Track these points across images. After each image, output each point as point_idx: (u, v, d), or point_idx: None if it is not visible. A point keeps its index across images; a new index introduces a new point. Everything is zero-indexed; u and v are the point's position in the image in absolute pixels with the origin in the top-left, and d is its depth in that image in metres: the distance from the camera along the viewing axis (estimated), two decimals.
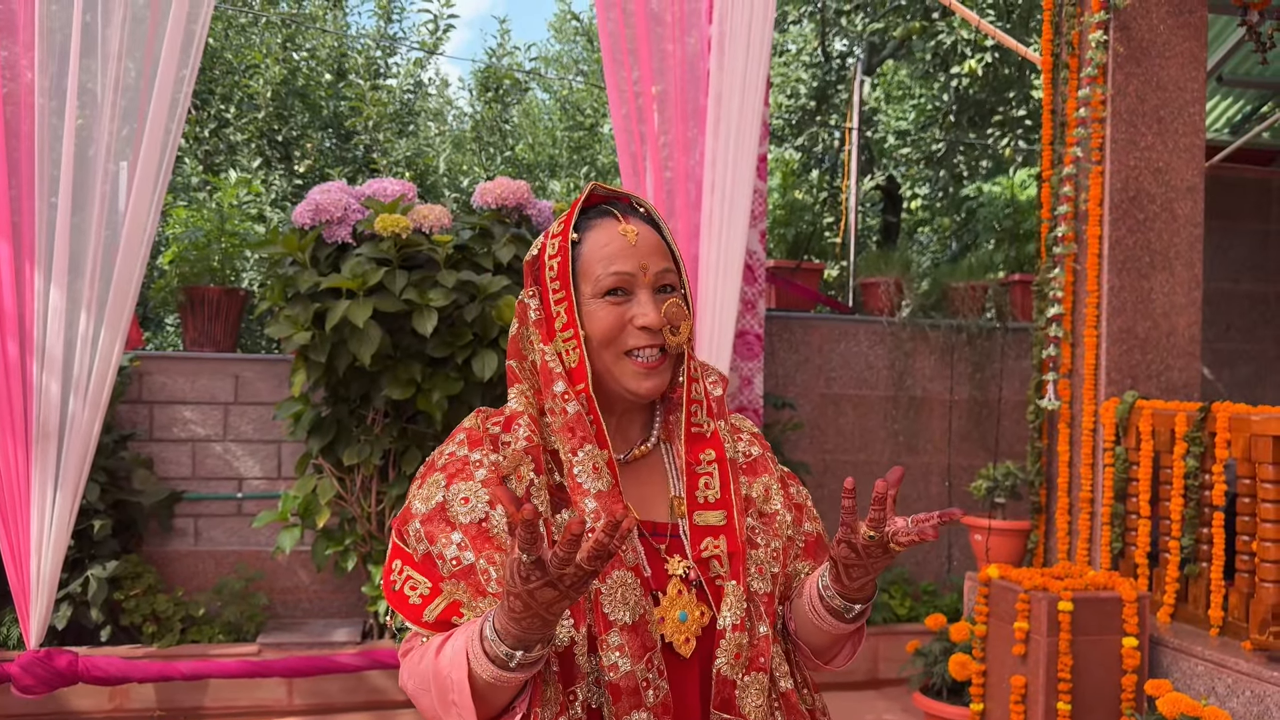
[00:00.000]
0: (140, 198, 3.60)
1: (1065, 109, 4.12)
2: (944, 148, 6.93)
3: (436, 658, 1.12)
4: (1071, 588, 3.27)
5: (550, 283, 1.26)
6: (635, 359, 1.26)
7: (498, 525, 1.17)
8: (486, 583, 1.15)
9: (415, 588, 1.18)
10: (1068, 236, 4.06)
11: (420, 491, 1.23)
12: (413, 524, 1.20)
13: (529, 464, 1.21)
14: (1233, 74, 6.10)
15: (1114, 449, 3.83)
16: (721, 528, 1.27)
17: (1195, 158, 4.07)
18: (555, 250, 1.26)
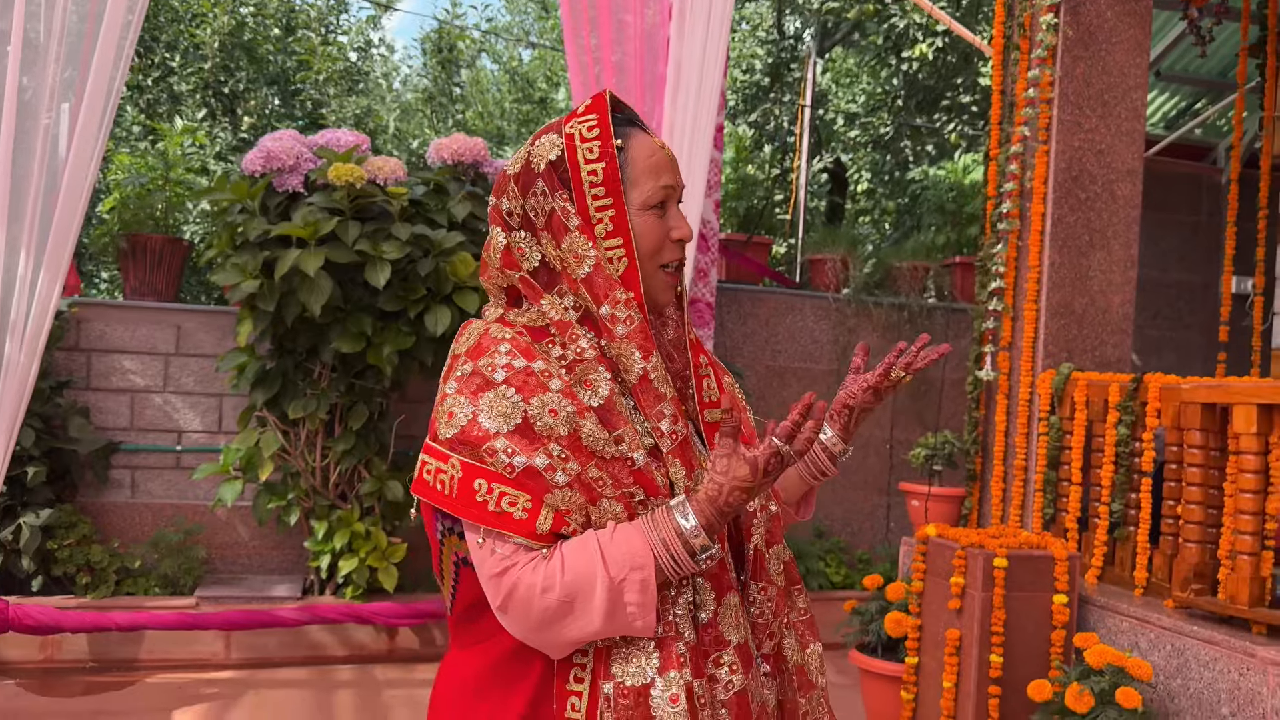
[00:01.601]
0: (83, 143, 3.53)
1: (1015, 89, 4.24)
2: (892, 131, 7.07)
3: (605, 560, 1.15)
4: (1006, 545, 3.39)
5: (591, 189, 1.23)
6: (666, 270, 1.30)
7: (589, 435, 1.20)
8: (603, 487, 1.19)
9: (515, 503, 1.17)
10: (1012, 213, 4.18)
11: (483, 408, 1.18)
12: (496, 441, 1.17)
13: (601, 371, 1.24)
14: (1170, 70, 6.32)
15: (1049, 419, 3.97)
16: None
17: (1136, 142, 4.23)
18: (595, 154, 1.24)
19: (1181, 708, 3.10)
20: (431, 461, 1.21)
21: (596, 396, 1.22)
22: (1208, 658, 3.03)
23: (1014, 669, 3.29)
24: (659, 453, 1.25)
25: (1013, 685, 3.27)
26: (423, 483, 1.22)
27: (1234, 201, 5.18)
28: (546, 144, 1.27)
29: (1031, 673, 3.28)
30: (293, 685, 4.29)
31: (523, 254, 1.28)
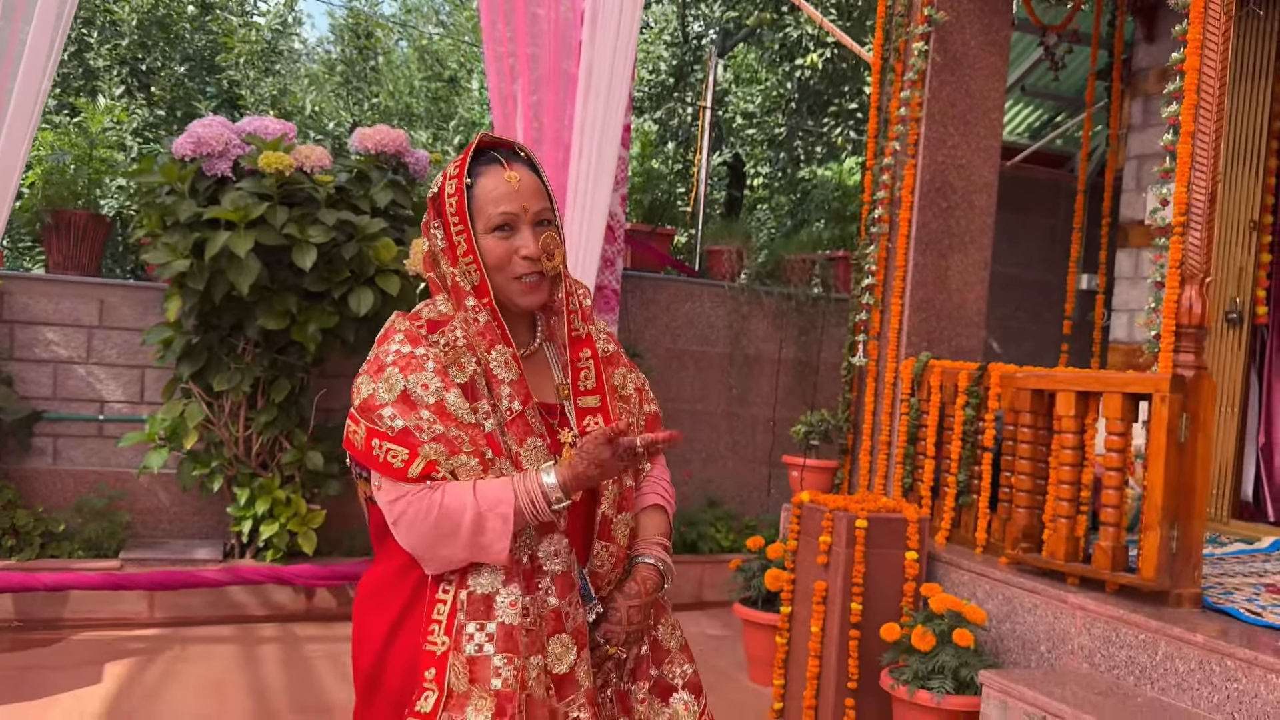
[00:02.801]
0: (17, 119, 3.71)
1: (889, 107, 4.75)
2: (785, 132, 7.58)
3: (475, 497, 1.52)
4: (867, 509, 3.91)
5: (450, 217, 1.59)
6: (521, 281, 1.64)
7: (452, 404, 1.56)
8: (461, 444, 1.56)
9: (395, 455, 1.53)
10: (883, 218, 4.70)
11: (379, 384, 1.55)
12: (385, 409, 1.54)
13: (469, 356, 1.61)
14: (1034, 86, 6.98)
15: (909, 400, 4.52)
16: (598, 408, 1.73)
17: (992, 158, 4.79)
18: (453, 190, 1.59)
19: (1009, 647, 3.67)
20: (350, 424, 1.60)
21: (464, 375, 1.60)
22: (1031, 605, 3.61)
23: (871, 615, 3.82)
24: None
25: (870, 629, 3.80)
26: (348, 440, 1.60)
27: (1080, 208, 5.83)
28: (435, 181, 1.66)
29: (886, 618, 3.82)
30: (216, 641, 4.57)
31: (428, 263, 1.69)
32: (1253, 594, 3.64)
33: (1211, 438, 3.40)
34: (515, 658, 1.52)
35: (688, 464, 6.02)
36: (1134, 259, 5.52)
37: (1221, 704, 2.92)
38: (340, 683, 4.11)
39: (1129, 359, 5.46)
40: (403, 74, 11.66)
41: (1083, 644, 3.39)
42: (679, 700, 1.74)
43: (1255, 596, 3.59)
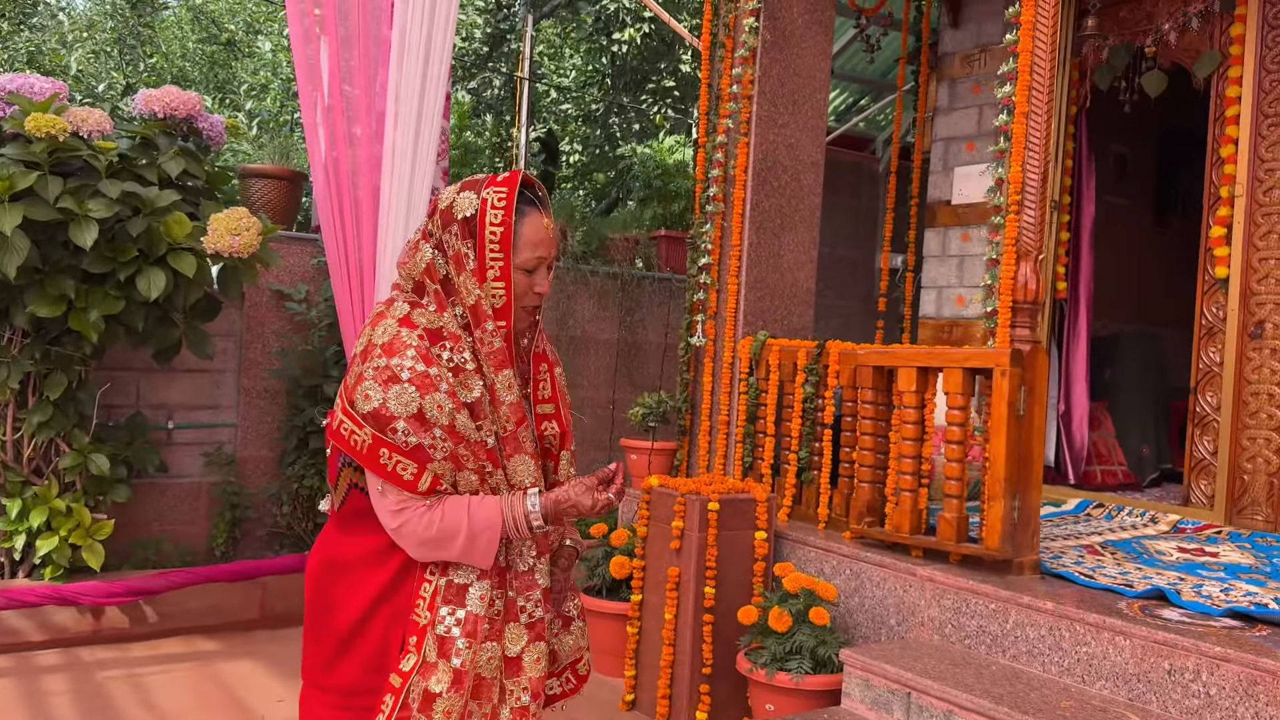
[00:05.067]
0: None
1: (720, 84, 4.69)
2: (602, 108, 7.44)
3: (469, 519, 1.73)
4: (717, 491, 3.85)
5: (490, 245, 1.72)
6: (525, 309, 1.83)
7: (462, 425, 1.73)
8: (465, 461, 1.75)
9: (405, 469, 1.69)
10: (718, 197, 4.65)
11: (390, 396, 1.67)
12: (399, 424, 1.67)
13: (477, 379, 1.76)
14: (840, 69, 7.17)
15: (748, 379, 4.51)
16: (553, 415, 1.95)
17: (819, 138, 4.84)
18: (498, 221, 1.72)
19: (859, 621, 3.72)
20: (348, 424, 1.70)
21: (470, 395, 1.75)
22: (879, 578, 3.66)
23: (725, 598, 3.77)
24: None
25: (724, 612, 3.74)
26: (340, 436, 1.71)
27: (892, 190, 6.03)
28: (466, 201, 1.75)
29: (739, 600, 3.78)
30: None
31: (435, 270, 1.76)
32: (1078, 557, 3.85)
33: (1045, 409, 3.55)
34: (474, 642, 1.77)
35: None
36: (941, 238, 5.76)
37: (1072, 668, 3.05)
38: (145, 710, 3.65)
39: (938, 334, 5.71)
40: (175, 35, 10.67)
41: (933, 615, 3.47)
42: (576, 627, 2.07)
43: (1081, 559, 3.80)
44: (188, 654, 4.32)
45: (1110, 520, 4.74)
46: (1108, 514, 4.84)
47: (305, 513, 5.01)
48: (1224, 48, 4.59)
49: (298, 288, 5.12)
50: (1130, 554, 3.97)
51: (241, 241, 4.15)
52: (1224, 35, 4.59)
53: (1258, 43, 4.44)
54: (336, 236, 4.70)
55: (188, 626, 4.54)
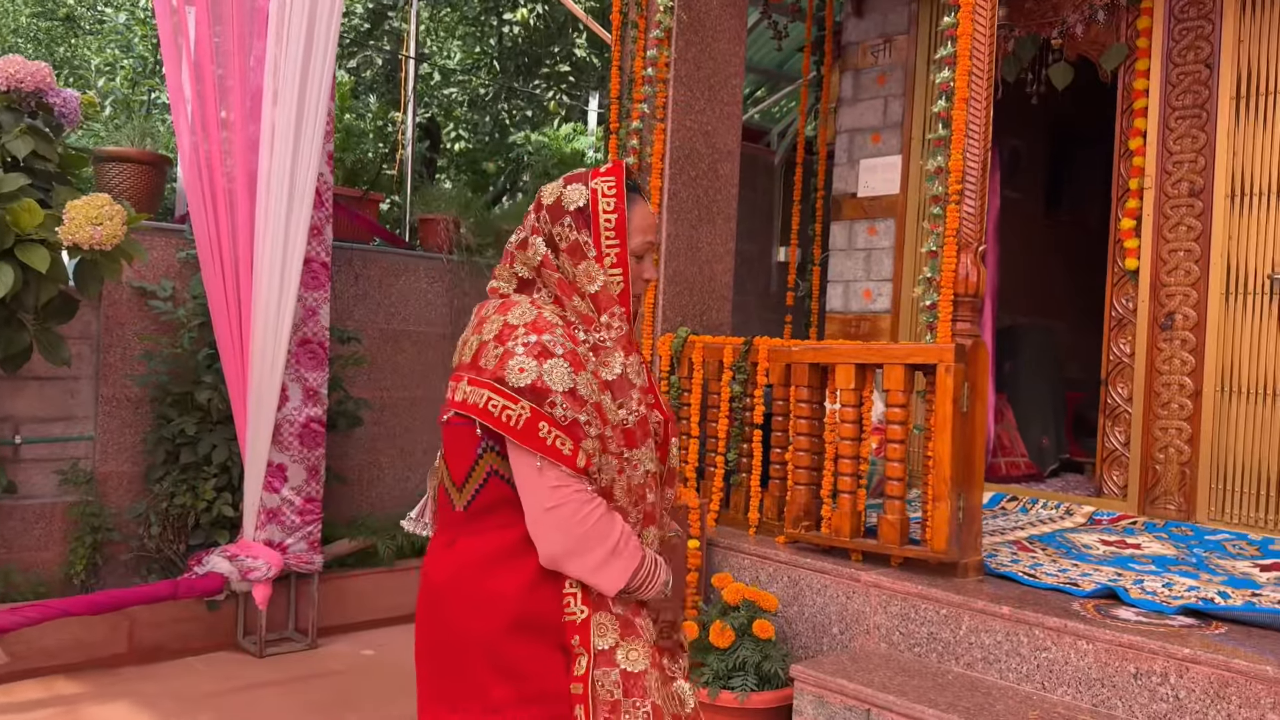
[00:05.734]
0: None
1: (633, 67, 4.44)
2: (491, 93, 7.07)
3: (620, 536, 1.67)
4: None
5: (605, 232, 1.74)
6: (635, 297, 1.82)
7: (606, 406, 1.71)
8: (609, 443, 1.71)
9: (564, 444, 1.62)
10: None
11: (545, 370, 1.63)
12: (556, 398, 1.63)
13: (618, 357, 1.75)
14: None
15: (669, 378, 4.28)
16: (655, 403, 1.87)
17: (735, 126, 4.65)
18: (612, 209, 1.75)
19: (799, 631, 3.54)
20: (498, 399, 1.63)
21: (611, 374, 1.74)
22: (820, 585, 3.49)
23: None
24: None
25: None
26: (489, 414, 1.63)
27: (799, 182, 5.91)
28: (575, 193, 1.77)
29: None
30: None
31: (555, 265, 1.76)
32: (1013, 554, 3.78)
33: (986, 405, 3.45)
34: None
35: (407, 455, 5.42)
36: (848, 231, 5.67)
37: (1032, 674, 2.94)
38: None
39: (845, 329, 5.62)
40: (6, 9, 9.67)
41: (879, 623, 3.32)
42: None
43: (1017, 557, 3.73)
44: (48, 699, 3.80)
45: (1026, 514, 4.74)
46: (1022, 507, 4.83)
47: (176, 534, 4.50)
48: (1131, 41, 4.62)
49: (162, 284, 4.60)
50: (1059, 549, 3.93)
51: (104, 232, 3.65)
52: (1131, 28, 4.63)
53: (1164, 36, 4.49)
54: (208, 227, 4.24)
55: (46, 667, 4.00)
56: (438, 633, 1.71)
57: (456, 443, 1.70)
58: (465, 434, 1.68)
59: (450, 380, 1.74)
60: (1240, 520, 4.17)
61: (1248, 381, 4.21)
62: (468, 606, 1.67)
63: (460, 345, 1.77)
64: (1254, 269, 4.21)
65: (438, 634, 1.71)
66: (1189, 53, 4.43)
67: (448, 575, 1.71)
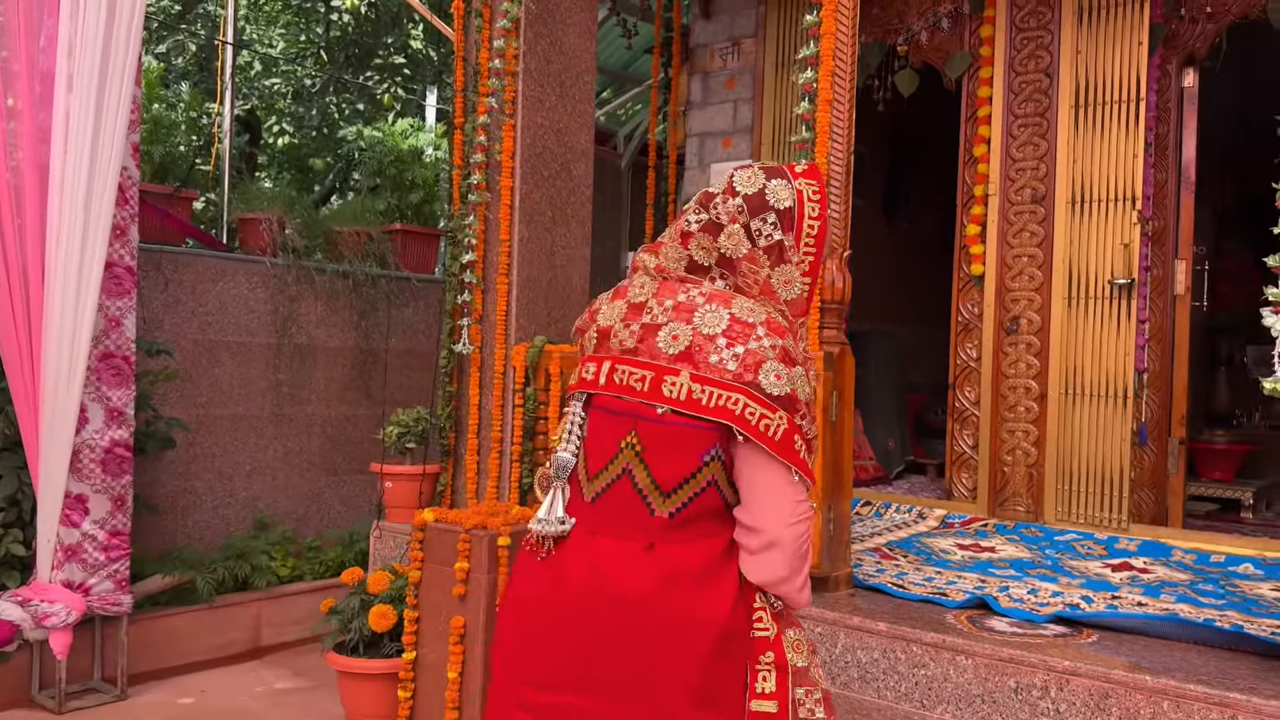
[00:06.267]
0: None
1: (479, 58, 4.17)
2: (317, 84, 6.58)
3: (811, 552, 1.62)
4: (506, 522, 3.35)
5: (806, 238, 1.62)
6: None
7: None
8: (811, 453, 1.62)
9: (810, 459, 1.54)
10: (481, 186, 4.13)
11: (798, 380, 1.53)
12: (804, 409, 1.54)
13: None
14: None
15: (524, 390, 4.02)
16: None
17: (587, 124, 4.44)
18: (816, 216, 1.63)
19: None
20: (756, 407, 1.50)
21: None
22: None
23: None
24: None
25: None
26: (744, 420, 1.49)
27: (651, 186, 5.76)
28: (783, 190, 1.63)
29: None
30: None
31: (758, 263, 1.62)
32: (876, 563, 3.72)
33: (853, 413, 3.37)
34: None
35: (227, 479, 4.93)
36: None
37: (910, 692, 2.85)
38: None
39: None
40: None
41: None
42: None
43: (882, 566, 3.67)
44: None
45: (880, 519, 4.73)
46: (876, 512, 4.83)
47: None
48: (974, 49, 4.69)
49: None
50: (919, 555, 3.91)
51: None
52: (974, 36, 4.70)
53: (1007, 45, 4.58)
54: None
55: None
56: (618, 646, 1.52)
57: (666, 443, 1.54)
58: (685, 436, 1.53)
59: (605, 361, 1.59)
60: (1086, 520, 4.28)
61: (1090, 384, 4.32)
62: (679, 623, 1.51)
63: (615, 326, 1.61)
64: (1095, 274, 4.33)
65: (616, 647, 1.52)
66: (1030, 62, 4.52)
67: (651, 586, 1.52)
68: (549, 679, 1.56)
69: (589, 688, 1.53)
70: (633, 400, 1.56)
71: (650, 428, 1.54)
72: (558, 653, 1.56)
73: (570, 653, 1.55)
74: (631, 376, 1.55)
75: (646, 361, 1.55)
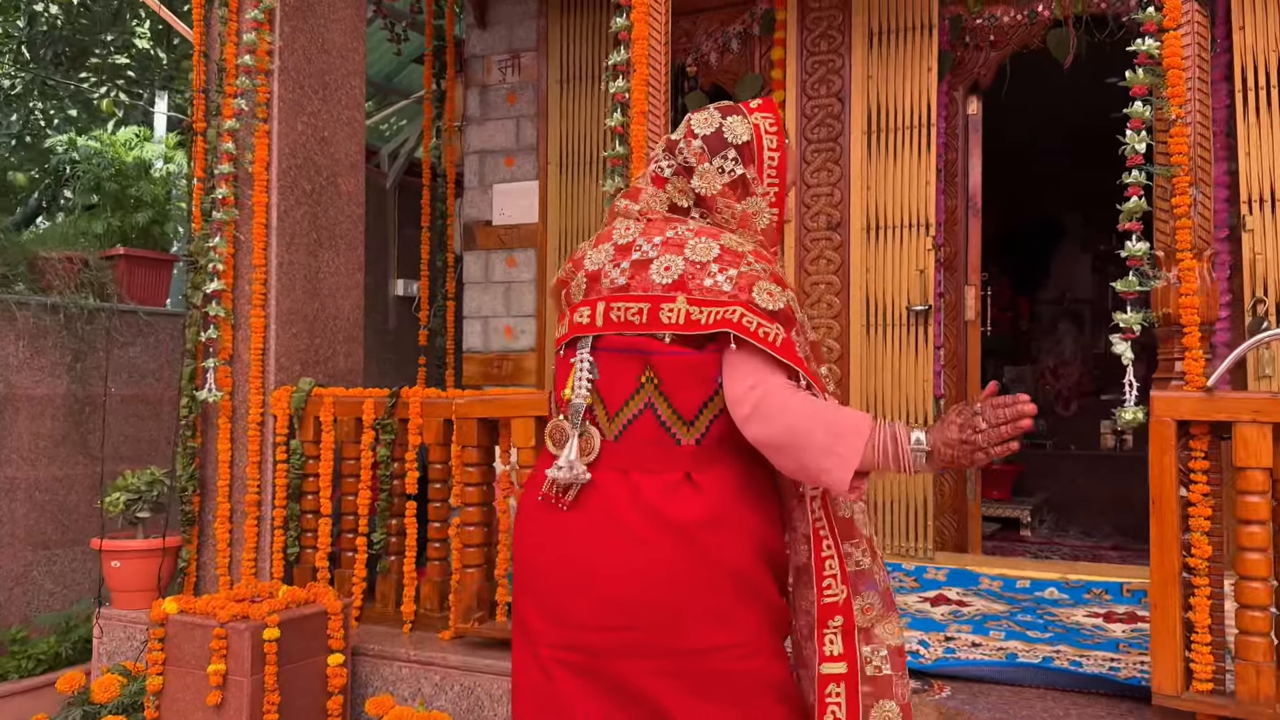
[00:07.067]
0: None
1: (224, 53, 3.55)
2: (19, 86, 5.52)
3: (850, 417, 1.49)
4: (274, 607, 2.75)
5: (768, 168, 1.70)
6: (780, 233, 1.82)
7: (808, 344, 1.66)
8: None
9: (805, 359, 1.55)
10: (228, 201, 3.50)
11: (792, 300, 1.58)
12: (799, 325, 1.59)
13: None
14: None
15: (288, 443, 3.42)
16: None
17: (357, 133, 3.90)
18: (775, 146, 1.71)
19: None
20: (754, 318, 1.52)
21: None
22: (502, 691, 2.85)
23: None
24: None
25: None
26: (743, 327, 1.50)
27: (426, 207, 5.24)
28: (739, 125, 1.70)
29: None
30: None
31: (732, 197, 1.68)
32: None
33: None
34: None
35: None
36: (484, 262, 5.10)
37: None
38: None
39: (486, 369, 5.04)
40: None
41: None
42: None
43: None
44: None
45: None
46: None
47: None
48: (765, 72, 4.56)
49: None
50: None
51: None
52: (765, 59, 4.57)
53: (799, 68, 4.47)
54: None
55: None
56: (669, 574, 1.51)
57: (681, 372, 1.54)
58: (698, 363, 1.53)
59: (599, 303, 1.57)
60: (893, 550, 4.18)
61: (890, 411, 4.25)
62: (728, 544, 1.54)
63: (605, 268, 1.59)
64: (892, 300, 4.27)
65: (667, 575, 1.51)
66: (822, 86, 4.44)
67: (701, 513, 1.53)
68: (605, 619, 1.53)
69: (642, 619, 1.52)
70: (633, 335, 1.54)
71: (663, 360, 1.53)
72: (613, 589, 1.53)
73: (623, 585, 1.52)
74: (628, 311, 1.54)
75: (640, 295, 1.54)
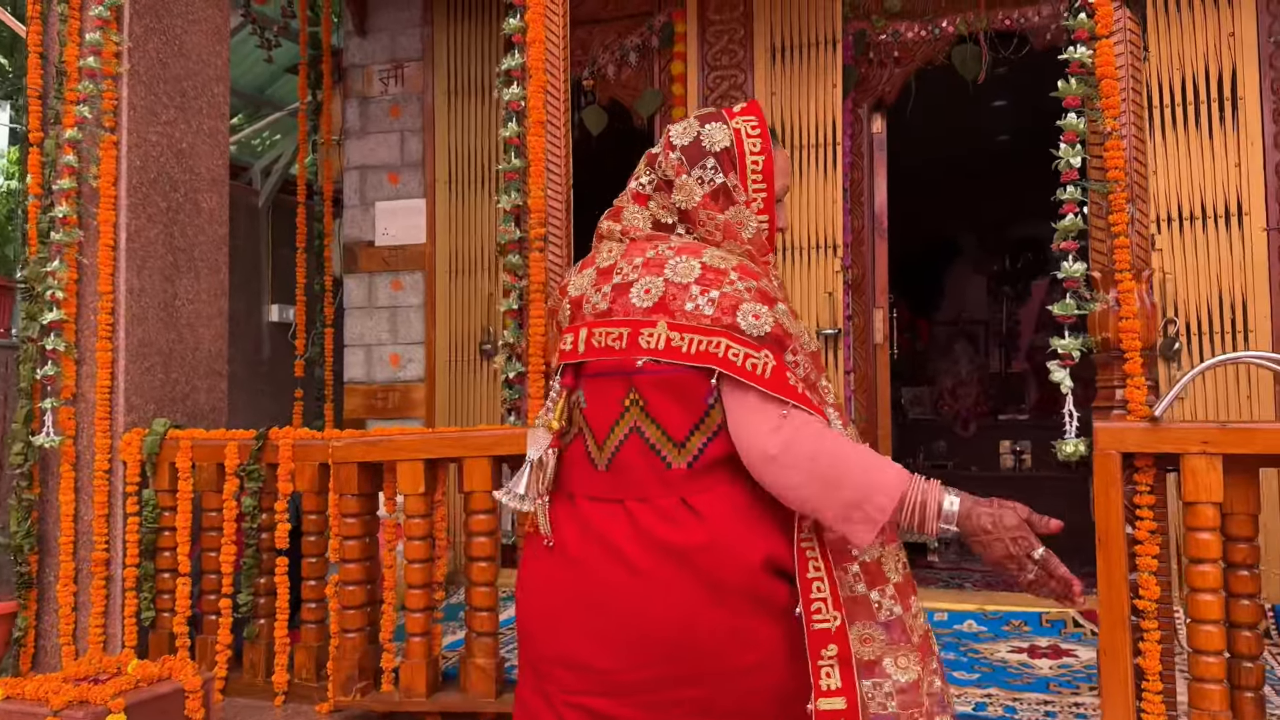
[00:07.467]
0: None
1: (65, 54, 3.15)
2: None
3: (881, 474, 1.38)
4: (120, 686, 2.37)
5: (752, 175, 1.57)
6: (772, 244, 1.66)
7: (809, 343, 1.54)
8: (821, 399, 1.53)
9: (796, 385, 1.43)
10: (70, 220, 3.09)
11: (781, 316, 1.45)
12: (793, 344, 1.46)
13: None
14: None
15: (139, 493, 3.02)
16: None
17: (220, 145, 3.53)
18: (759, 150, 1.58)
19: None
20: (739, 349, 1.42)
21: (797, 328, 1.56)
22: None
23: None
24: None
25: None
26: (729, 362, 1.41)
27: (301, 226, 4.85)
28: (718, 131, 1.58)
29: None
30: None
31: (714, 208, 1.54)
32: None
33: None
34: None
35: None
36: (367, 286, 4.75)
37: None
38: None
39: (370, 401, 4.68)
40: None
41: None
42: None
43: None
44: None
45: None
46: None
47: None
48: (666, 86, 4.37)
49: None
50: None
51: None
52: (665, 73, 4.38)
53: (700, 83, 4.29)
54: None
55: None
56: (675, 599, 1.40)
57: (667, 392, 1.45)
58: (683, 380, 1.44)
59: (581, 329, 1.49)
60: None
61: None
62: (730, 565, 1.42)
63: (587, 293, 1.51)
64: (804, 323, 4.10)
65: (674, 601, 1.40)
66: (724, 102, 4.26)
67: (703, 539, 1.42)
68: (620, 659, 1.42)
69: (657, 653, 1.42)
70: (614, 359, 1.46)
71: (647, 379, 1.45)
72: (623, 627, 1.43)
73: (633, 621, 1.43)
74: (608, 336, 1.47)
75: (621, 319, 1.47)
